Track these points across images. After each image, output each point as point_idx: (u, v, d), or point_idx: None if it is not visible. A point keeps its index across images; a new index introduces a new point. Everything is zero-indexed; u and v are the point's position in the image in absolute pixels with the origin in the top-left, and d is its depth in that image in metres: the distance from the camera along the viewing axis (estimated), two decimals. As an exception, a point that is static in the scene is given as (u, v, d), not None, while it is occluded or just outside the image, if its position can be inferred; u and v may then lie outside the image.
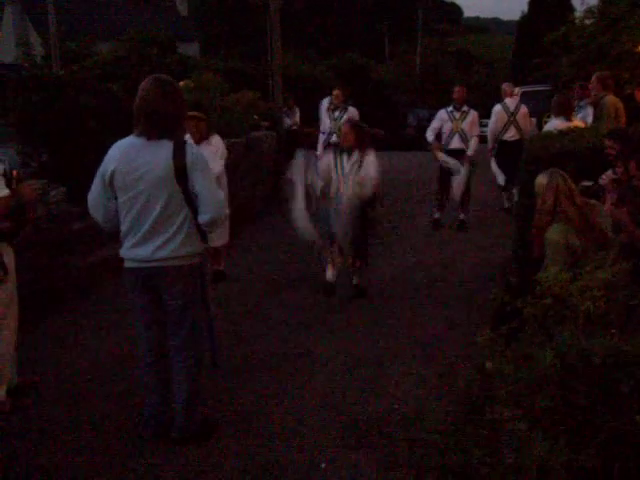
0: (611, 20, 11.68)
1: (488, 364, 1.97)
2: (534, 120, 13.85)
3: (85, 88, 7.75)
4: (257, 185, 10.26)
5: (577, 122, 7.16)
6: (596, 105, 7.37)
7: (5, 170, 3.97)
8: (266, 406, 4.17)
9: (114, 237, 3.87)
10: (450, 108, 8.91)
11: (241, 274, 6.95)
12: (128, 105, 5.98)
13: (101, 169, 3.59)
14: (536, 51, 17.05)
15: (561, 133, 6.08)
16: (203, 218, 3.53)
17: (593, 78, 7.45)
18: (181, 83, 9.52)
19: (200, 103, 8.02)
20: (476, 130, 8.96)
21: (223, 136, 6.93)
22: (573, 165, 4.99)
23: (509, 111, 9.53)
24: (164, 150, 3.44)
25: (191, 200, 3.50)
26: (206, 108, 7.66)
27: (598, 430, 1.64)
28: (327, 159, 6.11)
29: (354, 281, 6.33)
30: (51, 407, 4.18)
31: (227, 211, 3.66)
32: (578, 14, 14.22)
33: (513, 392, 1.83)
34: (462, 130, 8.76)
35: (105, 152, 5.92)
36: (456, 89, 8.97)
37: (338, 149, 6.13)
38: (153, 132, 3.46)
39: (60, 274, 6.05)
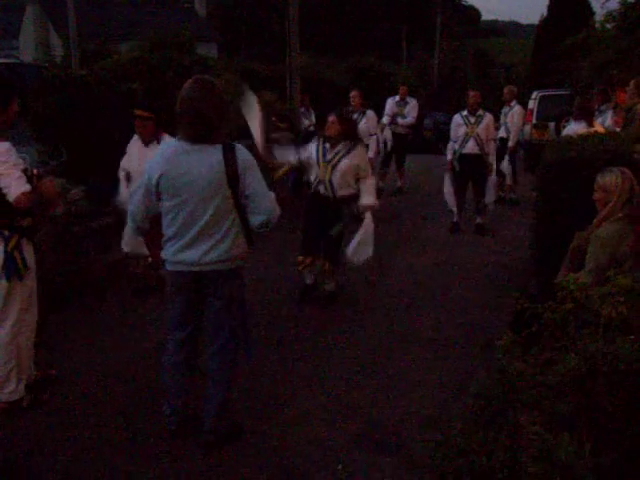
0: (632, 24, 11.59)
1: (511, 369, 1.96)
2: (552, 124, 13.85)
3: (106, 88, 7.79)
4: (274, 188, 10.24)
5: (598, 127, 7.10)
6: (628, 111, 7.31)
7: (26, 168, 4.01)
8: (282, 408, 4.17)
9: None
10: (464, 112, 8.89)
11: (250, 279, 6.92)
12: (149, 105, 6.02)
13: (146, 173, 3.54)
14: (555, 55, 16.95)
15: (581, 138, 6.03)
16: (258, 219, 3.51)
17: (631, 84, 7.39)
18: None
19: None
20: (493, 134, 8.96)
21: (240, 138, 6.89)
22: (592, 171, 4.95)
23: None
24: (214, 155, 3.40)
25: (240, 203, 3.48)
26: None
27: (623, 434, 1.63)
28: (310, 147, 6.07)
29: (326, 286, 6.13)
30: (70, 404, 4.21)
31: (279, 211, 3.64)
32: (598, 18, 14.12)
33: (535, 396, 1.82)
34: (477, 134, 8.70)
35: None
36: (471, 94, 8.96)
37: (322, 138, 6.00)
38: (197, 135, 3.41)
39: (79, 272, 6.09)
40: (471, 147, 8.74)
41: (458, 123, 8.90)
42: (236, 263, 3.60)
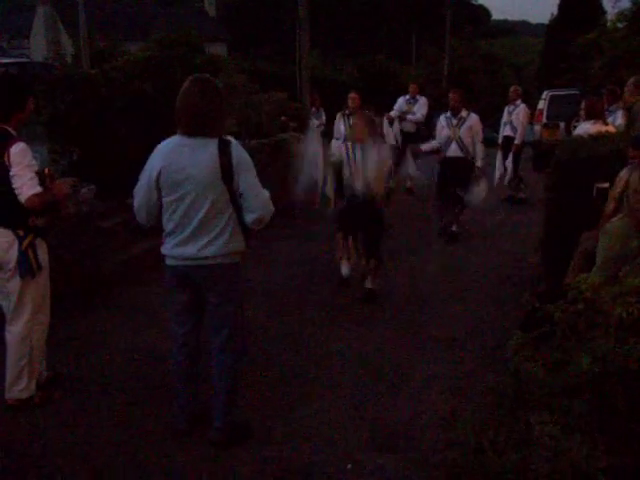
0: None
1: (522, 369, 1.96)
2: (563, 124, 13.79)
3: (116, 87, 7.82)
4: (284, 188, 10.21)
5: (611, 127, 7.06)
6: (630, 109, 7.28)
7: (38, 170, 4.03)
8: (291, 408, 4.17)
9: (150, 231, 3.89)
10: (448, 114, 8.49)
11: (263, 278, 6.95)
12: (160, 104, 6.04)
13: (147, 169, 3.59)
14: (565, 54, 16.88)
15: (591, 138, 6.01)
16: (251, 217, 3.54)
17: (629, 82, 7.36)
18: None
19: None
20: (479, 136, 8.44)
21: (251, 137, 6.92)
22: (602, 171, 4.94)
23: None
24: (210, 149, 3.46)
25: (236, 199, 3.52)
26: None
27: (637, 435, 1.62)
28: (339, 148, 6.37)
29: (366, 284, 6.26)
30: (80, 402, 4.22)
31: (272, 208, 3.67)
32: (610, 17, 14.07)
33: (547, 396, 1.82)
34: (460, 138, 8.33)
35: (135, 151, 6.04)
36: (450, 95, 8.56)
37: (350, 142, 6.22)
38: (194, 130, 3.47)
39: (90, 271, 6.12)
40: (454, 150, 8.39)
41: (441, 125, 8.51)
42: (233, 259, 3.62)
